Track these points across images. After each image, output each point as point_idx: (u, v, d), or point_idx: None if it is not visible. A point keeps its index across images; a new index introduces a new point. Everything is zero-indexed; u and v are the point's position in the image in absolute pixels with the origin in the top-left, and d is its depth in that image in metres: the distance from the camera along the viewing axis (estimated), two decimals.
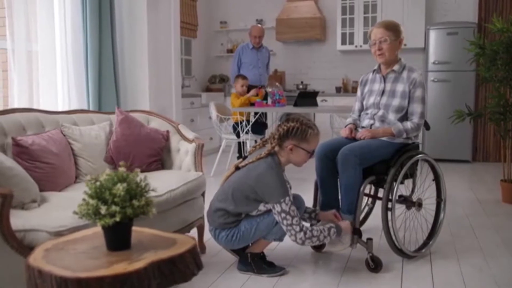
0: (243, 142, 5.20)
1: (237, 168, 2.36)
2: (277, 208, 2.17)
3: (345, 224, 2.35)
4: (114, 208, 1.27)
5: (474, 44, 3.82)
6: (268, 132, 5.13)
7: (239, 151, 5.47)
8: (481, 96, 5.82)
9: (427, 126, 2.78)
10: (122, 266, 1.21)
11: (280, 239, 2.34)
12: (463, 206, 3.77)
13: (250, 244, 2.40)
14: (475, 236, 3.00)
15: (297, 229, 2.16)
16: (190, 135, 2.84)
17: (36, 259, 1.28)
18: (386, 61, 2.64)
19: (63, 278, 1.16)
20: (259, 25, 5.88)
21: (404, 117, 2.62)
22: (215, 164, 5.04)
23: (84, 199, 1.33)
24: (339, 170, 2.46)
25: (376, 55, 2.63)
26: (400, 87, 2.62)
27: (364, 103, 2.79)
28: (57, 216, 1.73)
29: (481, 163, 5.92)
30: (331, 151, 2.54)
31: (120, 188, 1.28)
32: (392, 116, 2.61)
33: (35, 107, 3.21)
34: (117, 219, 1.27)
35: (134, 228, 1.50)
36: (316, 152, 2.56)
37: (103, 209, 1.27)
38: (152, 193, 1.45)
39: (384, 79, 2.69)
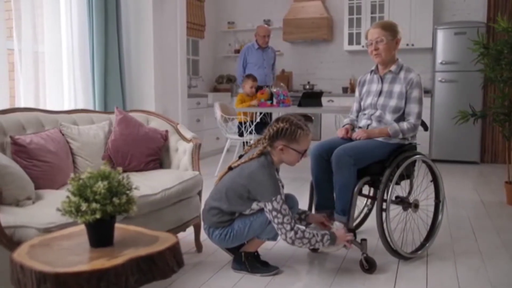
0: (247, 142, 5.22)
1: (230, 168, 2.38)
2: (269, 206, 2.19)
3: (340, 232, 2.32)
4: (94, 205, 1.30)
5: (478, 44, 3.77)
6: None
7: None
8: (489, 96, 5.74)
9: (425, 127, 2.76)
10: (100, 262, 1.23)
11: (274, 238, 2.34)
12: (466, 208, 3.73)
13: (246, 243, 2.42)
14: (475, 238, 2.97)
15: (288, 228, 2.17)
16: (188, 134, 2.87)
17: (20, 254, 1.31)
18: (383, 61, 2.63)
19: (42, 273, 1.19)
20: (266, 25, 5.90)
21: (401, 118, 2.61)
22: (220, 164, 5.07)
23: (67, 197, 1.37)
24: (333, 171, 2.45)
25: (373, 55, 2.63)
26: (397, 88, 2.61)
27: (362, 103, 2.78)
28: (47, 213, 1.76)
29: (489, 164, 5.83)
30: (326, 151, 2.54)
31: (101, 186, 1.31)
32: (389, 117, 2.61)
33: (41, 107, 3.26)
34: (98, 216, 1.30)
35: (119, 225, 1.53)
36: (311, 152, 2.56)
37: (83, 206, 1.30)
38: (136, 192, 1.48)
39: (382, 79, 2.69)
